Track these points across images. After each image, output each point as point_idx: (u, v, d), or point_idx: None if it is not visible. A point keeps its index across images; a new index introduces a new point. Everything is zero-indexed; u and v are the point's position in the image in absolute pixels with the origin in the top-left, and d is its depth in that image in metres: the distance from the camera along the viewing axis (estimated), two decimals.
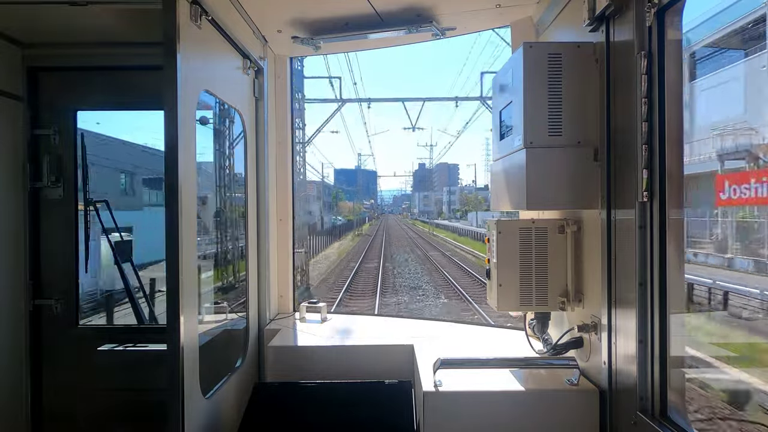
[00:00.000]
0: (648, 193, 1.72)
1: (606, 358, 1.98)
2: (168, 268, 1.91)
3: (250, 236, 2.96)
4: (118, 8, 2.60)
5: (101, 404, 3.06)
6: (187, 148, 1.99)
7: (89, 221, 3.26)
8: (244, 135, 2.89)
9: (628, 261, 1.83)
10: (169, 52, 1.87)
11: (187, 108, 1.99)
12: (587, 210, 2.16)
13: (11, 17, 2.74)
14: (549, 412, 2.10)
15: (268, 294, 3.15)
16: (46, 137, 3.05)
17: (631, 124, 1.77)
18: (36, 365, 3.06)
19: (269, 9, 2.74)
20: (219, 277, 7.57)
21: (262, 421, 2.32)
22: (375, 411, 2.35)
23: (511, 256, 2.29)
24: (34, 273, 3.05)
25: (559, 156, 2.10)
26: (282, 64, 3.38)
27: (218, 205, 8.23)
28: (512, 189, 2.30)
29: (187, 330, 1.95)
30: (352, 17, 2.84)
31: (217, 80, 2.45)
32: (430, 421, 2.09)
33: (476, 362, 2.40)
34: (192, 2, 2.04)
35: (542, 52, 2.11)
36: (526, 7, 2.74)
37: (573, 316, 2.32)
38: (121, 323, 3.43)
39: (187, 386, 1.96)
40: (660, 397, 1.72)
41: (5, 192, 2.92)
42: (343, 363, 2.79)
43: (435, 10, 2.76)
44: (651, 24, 1.71)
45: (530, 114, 2.10)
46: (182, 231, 1.92)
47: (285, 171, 3.42)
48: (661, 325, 1.72)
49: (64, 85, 3.10)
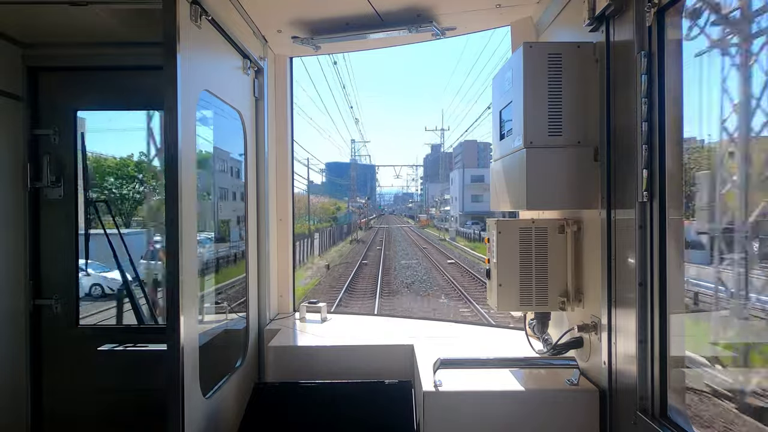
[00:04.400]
0: (648, 193, 1.72)
1: (606, 358, 1.98)
2: (168, 268, 1.91)
3: (250, 236, 2.96)
4: (118, 8, 2.60)
5: (101, 404, 3.06)
6: (187, 148, 1.99)
7: (89, 221, 3.27)
8: (244, 135, 2.89)
9: (628, 261, 1.83)
10: (169, 52, 1.87)
11: (187, 108, 1.99)
12: (587, 210, 2.16)
13: (11, 17, 2.74)
14: (549, 412, 2.10)
15: (268, 294, 3.15)
16: (46, 137, 3.05)
17: (631, 124, 1.77)
18: (36, 365, 3.06)
19: (269, 9, 2.74)
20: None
21: (262, 421, 2.32)
22: (375, 411, 2.35)
23: (511, 256, 2.29)
24: (34, 273, 3.05)
25: (559, 156, 2.10)
26: (282, 64, 3.38)
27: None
28: (512, 189, 2.30)
29: (187, 330, 1.95)
30: (352, 17, 2.84)
31: (217, 80, 2.45)
32: (430, 421, 2.09)
33: (476, 362, 2.40)
34: (192, 2, 2.04)
35: (542, 52, 2.11)
36: (526, 7, 2.74)
37: (573, 316, 2.32)
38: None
39: (187, 386, 1.96)
40: (660, 397, 1.72)
41: (5, 192, 2.92)
42: (343, 363, 2.79)
43: (435, 10, 2.76)
44: (651, 24, 1.71)
45: (530, 114, 2.10)
46: (182, 231, 1.92)
47: (285, 171, 3.41)
48: (661, 325, 1.72)
49: (64, 85, 3.10)
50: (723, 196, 3.36)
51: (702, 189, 3.52)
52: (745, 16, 2.53)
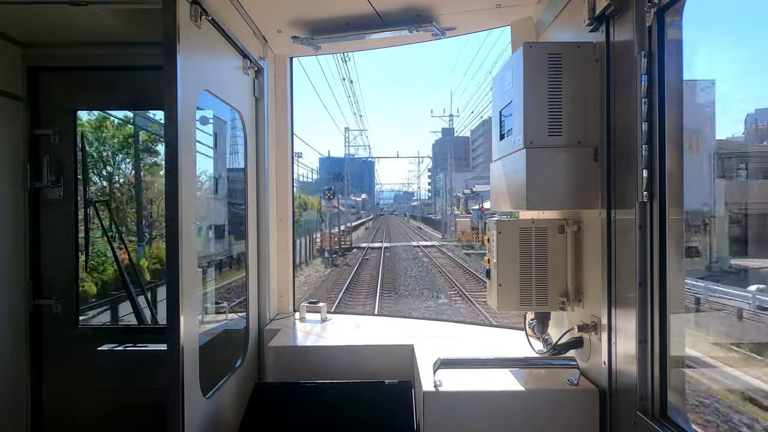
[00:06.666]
0: (648, 193, 1.72)
1: (606, 358, 1.98)
2: (168, 268, 1.91)
3: (250, 236, 2.96)
4: (118, 8, 2.60)
5: (101, 404, 3.06)
6: (187, 148, 1.99)
7: (89, 221, 3.27)
8: (244, 135, 2.89)
9: (628, 261, 1.83)
10: (169, 52, 1.87)
11: (187, 108, 1.99)
12: (587, 210, 2.16)
13: (11, 17, 2.74)
14: (549, 412, 2.10)
15: (268, 294, 3.15)
16: (46, 137, 3.05)
17: (631, 124, 1.77)
18: (36, 365, 3.06)
19: (269, 9, 2.74)
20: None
21: (262, 421, 2.32)
22: (375, 411, 2.35)
23: (511, 256, 2.29)
24: (34, 273, 3.04)
25: (559, 156, 2.10)
26: (282, 64, 3.38)
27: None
28: (512, 189, 2.30)
29: (187, 330, 1.95)
30: (352, 17, 2.84)
31: (217, 80, 2.45)
32: (430, 421, 2.09)
33: (476, 362, 2.40)
34: (192, 2, 2.04)
35: (542, 52, 2.11)
36: (526, 7, 2.74)
37: (573, 316, 2.32)
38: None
39: (187, 386, 1.96)
40: (660, 397, 1.72)
41: (5, 192, 2.92)
42: (343, 363, 2.79)
43: (435, 10, 2.76)
44: (651, 24, 1.71)
45: (530, 114, 2.10)
46: (182, 231, 1.92)
47: (285, 171, 3.41)
48: (661, 325, 1.72)
49: (64, 85, 3.10)
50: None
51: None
52: None
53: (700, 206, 7.91)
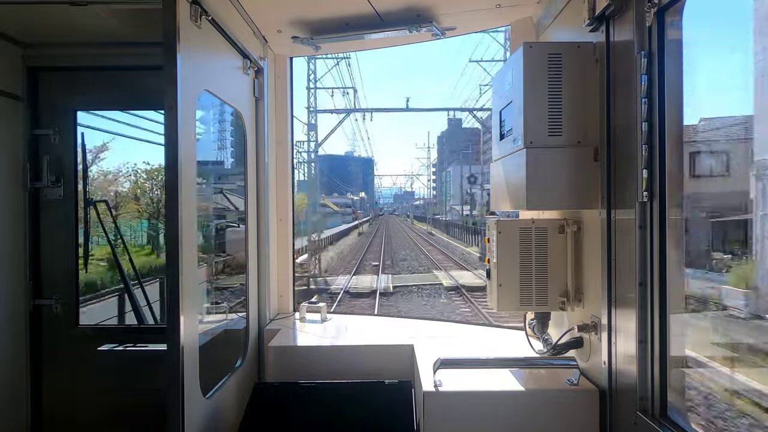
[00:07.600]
0: (648, 193, 1.72)
1: (606, 358, 1.98)
2: (168, 268, 1.91)
3: (250, 236, 2.96)
4: (118, 8, 2.60)
5: (101, 404, 3.06)
6: (187, 148, 1.99)
7: (89, 221, 3.27)
8: (243, 135, 2.89)
9: (628, 261, 1.83)
10: (169, 52, 1.87)
11: (187, 108, 1.99)
12: (587, 210, 2.16)
13: (11, 17, 2.74)
14: (549, 412, 2.10)
15: (268, 294, 3.15)
16: (46, 137, 3.05)
17: (631, 124, 1.77)
18: (36, 365, 3.06)
19: (269, 9, 2.74)
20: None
21: (262, 421, 2.32)
22: (375, 411, 2.35)
23: (511, 256, 2.29)
24: (34, 273, 3.04)
25: (559, 156, 2.10)
26: (282, 64, 3.38)
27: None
28: (512, 189, 2.30)
29: (187, 330, 1.95)
30: (352, 17, 2.84)
31: (217, 80, 2.45)
32: (430, 421, 2.09)
33: (476, 362, 2.40)
34: (192, 2, 2.04)
35: (542, 52, 2.11)
36: (526, 7, 2.74)
37: (573, 316, 2.32)
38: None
39: (187, 386, 1.96)
40: (660, 397, 1.72)
41: (5, 192, 2.92)
42: (343, 363, 2.79)
43: (435, 10, 2.76)
44: (651, 24, 1.71)
45: (530, 114, 2.10)
46: (182, 231, 1.92)
47: (285, 171, 3.41)
48: (661, 325, 1.72)
49: (64, 85, 3.10)
50: None
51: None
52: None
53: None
